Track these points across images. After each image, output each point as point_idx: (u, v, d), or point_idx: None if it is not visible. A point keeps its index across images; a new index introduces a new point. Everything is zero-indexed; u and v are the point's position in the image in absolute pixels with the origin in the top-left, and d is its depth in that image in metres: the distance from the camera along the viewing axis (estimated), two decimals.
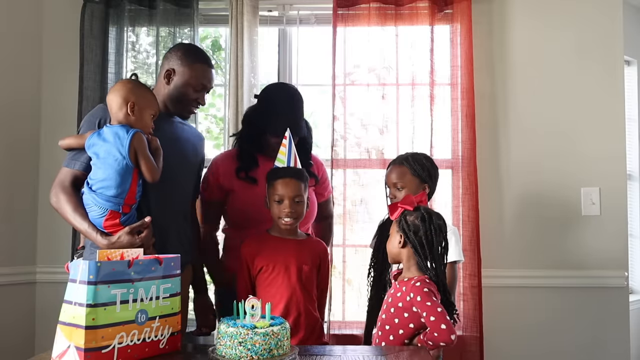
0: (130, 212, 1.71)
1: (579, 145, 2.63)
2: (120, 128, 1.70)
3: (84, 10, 2.60)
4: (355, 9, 2.64)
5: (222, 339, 1.38)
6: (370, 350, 1.56)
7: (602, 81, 2.64)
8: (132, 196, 1.70)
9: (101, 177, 1.68)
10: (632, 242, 2.88)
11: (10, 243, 2.62)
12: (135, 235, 1.67)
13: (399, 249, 1.73)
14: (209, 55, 2.05)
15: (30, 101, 2.71)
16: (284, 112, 2.05)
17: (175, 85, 1.94)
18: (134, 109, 1.73)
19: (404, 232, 1.70)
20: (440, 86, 2.64)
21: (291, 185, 1.83)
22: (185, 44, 2.28)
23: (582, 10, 2.66)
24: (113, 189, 1.67)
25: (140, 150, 1.69)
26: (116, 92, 1.75)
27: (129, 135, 1.68)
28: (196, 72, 1.94)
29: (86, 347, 1.28)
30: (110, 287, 1.34)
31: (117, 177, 1.67)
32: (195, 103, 1.99)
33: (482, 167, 2.58)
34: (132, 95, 1.73)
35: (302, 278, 1.83)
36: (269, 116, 2.06)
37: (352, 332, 2.52)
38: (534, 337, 2.60)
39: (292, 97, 2.11)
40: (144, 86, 1.83)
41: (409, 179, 2.08)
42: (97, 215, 1.69)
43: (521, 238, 2.62)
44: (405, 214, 1.73)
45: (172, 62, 1.95)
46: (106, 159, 1.68)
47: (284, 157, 1.88)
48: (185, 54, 1.96)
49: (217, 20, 2.86)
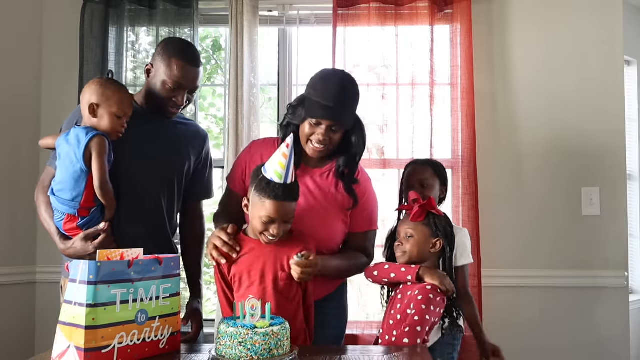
0: (91, 216, 1.65)
1: (579, 145, 2.63)
2: (82, 130, 1.66)
3: (84, 10, 2.60)
4: (355, 9, 2.63)
5: (222, 339, 1.38)
6: (370, 350, 1.55)
7: (602, 81, 2.64)
8: (89, 199, 1.64)
9: (58, 180, 1.66)
10: (632, 242, 2.88)
11: (10, 243, 2.62)
12: (89, 242, 1.62)
13: (432, 254, 1.74)
14: (194, 52, 1.89)
15: (30, 101, 2.71)
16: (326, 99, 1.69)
17: (152, 82, 1.83)
18: (96, 110, 1.67)
19: (445, 240, 1.73)
20: (440, 86, 2.64)
21: (285, 209, 1.58)
22: (170, 39, 2.11)
23: (582, 10, 2.66)
24: (68, 192, 1.63)
25: (95, 154, 1.62)
26: (83, 93, 1.70)
27: (87, 138, 1.62)
28: (171, 69, 1.78)
29: (86, 347, 1.28)
30: (110, 287, 1.33)
31: (71, 180, 1.63)
32: (171, 103, 1.82)
33: (482, 167, 2.57)
34: (94, 96, 1.67)
35: (279, 286, 1.62)
36: (308, 100, 1.74)
37: (352, 332, 2.52)
38: (534, 337, 2.60)
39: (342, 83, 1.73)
40: (113, 86, 1.72)
41: (434, 179, 2.10)
42: (58, 218, 1.67)
43: (521, 238, 2.62)
44: (434, 218, 1.74)
45: (154, 57, 1.85)
46: (64, 162, 1.65)
47: (281, 170, 1.56)
48: (164, 49, 1.83)
49: (217, 20, 2.86)
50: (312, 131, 1.73)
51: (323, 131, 1.72)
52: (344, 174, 1.81)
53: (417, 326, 1.57)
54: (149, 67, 1.85)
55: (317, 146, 1.74)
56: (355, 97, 1.79)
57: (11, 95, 2.63)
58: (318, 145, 1.74)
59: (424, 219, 1.74)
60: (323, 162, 1.84)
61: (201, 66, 1.87)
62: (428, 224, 1.74)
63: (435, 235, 1.74)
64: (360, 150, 1.83)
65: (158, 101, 1.83)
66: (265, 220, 1.59)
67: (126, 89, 1.77)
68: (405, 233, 1.76)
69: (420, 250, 1.74)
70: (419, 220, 1.74)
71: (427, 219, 1.74)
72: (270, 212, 1.57)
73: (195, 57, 1.84)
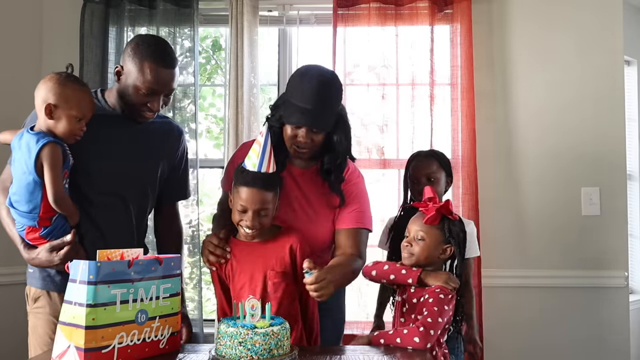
0: (54, 224, 1.53)
1: (579, 145, 2.63)
2: (32, 137, 1.49)
3: (84, 10, 2.60)
4: (355, 9, 2.63)
5: (222, 339, 1.37)
6: (370, 350, 1.55)
7: (602, 81, 2.64)
8: (48, 209, 1.50)
9: (14, 190, 1.53)
10: (632, 242, 2.87)
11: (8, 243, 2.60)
12: (54, 253, 1.52)
13: (441, 259, 1.66)
14: (169, 51, 1.71)
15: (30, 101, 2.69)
16: (303, 101, 1.65)
17: (122, 86, 1.68)
18: (53, 112, 1.50)
19: (457, 246, 1.64)
20: (440, 86, 2.64)
21: (258, 197, 1.57)
22: (141, 37, 1.82)
23: (582, 10, 2.66)
24: (24, 205, 1.51)
25: (47, 165, 1.47)
26: (37, 90, 1.52)
27: (37, 146, 1.46)
28: (144, 73, 1.62)
29: (86, 347, 1.28)
30: (110, 287, 1.33)
31: (25, 192, 1.49)
32: (146, 108, 1.68)
33: (482, 167, 2.57)
34: (51, 96, 1.50)
35: (268, 287, 1.61)
36: (287, 102, 1.71)
37: (352, 332, 2.52)
38: (534, 337, 2.60)
39: (320, 84, 1.67)
40: (73, 83, 1.55)
41: (440, 172, 2.09)
42: (19, 227, 1.57)
43: (521, 238, 2.62)
44: (449, 223, 1.64)
45: (123, 57, 1.68)
46: (17, 170, 1.52)
47: (256, 158, 1.57)
48: (135, 50, 1.65)
49: (217, 20, 2.86)
50: (294, 133, 1.70)
51: (304, 134, 1.68)
52: (329, 172, 1.78)
53: (430, 329, 1.51)
54: (119, 69, 1.69)
55: (300, 149, 1.72)
56: (335, 96, 1.73)
57: (11, 95, 2.63)
58: (300, 148, 1.72)
59: (438, 222, 1.64)
60: (310, 162, 1.81)
61: (177, 66, 1.71)
62: (442, 228, 1.64)
63: (447, 242, 1.64)
64: (343, 148, 1.77)
65: (130, 107, 1.70)
66: (239, 208, 1.58)
67: (87, 88, 1.61)
68: (416, 234, 1.65)
69: (429, 255, 1.64)
70: (433, 224, 1.64)
71: (441, 222, 1.64)
72: (243, 200, 1.57)
73: (169, 58, 1.68)
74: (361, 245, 1.77)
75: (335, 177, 1.77)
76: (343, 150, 1.77)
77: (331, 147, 1.76)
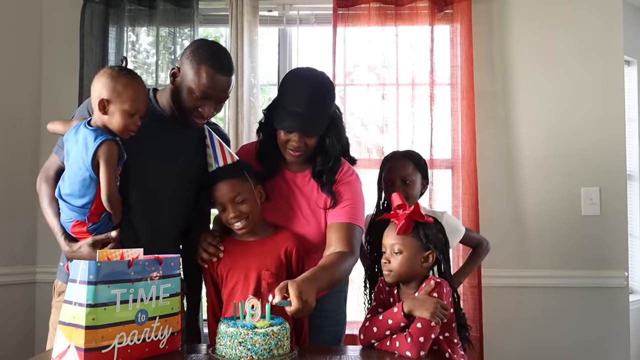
0: (101, 221, 1.55)
1: (579, 145, 2.63)
2: (91, 133, 1.50)
3: (84, 10, 2.60)
4: (355, 9, 2.64)
5: (222, 339, 1.38)
6: (369, 351, 1.55)
7: (602, 81, 2.64)
8: (100, 206, 1.52)
9: (67, 184, 1.54)
10: (632, 242, 2.87)
11: (10, 243, 2.62)
12: (97, 248, 1.52)
13: (424, 268, 1.54)
14: (227, 58, 1.70)
15: (30, 101, 2.71)
16: (295, 105, 1.65)
17: (177, 89, 1.67)
18: (107, 106, 1.51)
19: (439, 251, 1.53)
20: (440, 86, 2.65)
21: (225, 189, 1.62)
22: (202, 41, 1.82)
23: (582, 10, 2.66)
24: (77, 199, 1.52)
25: (103, 163, 1.48)
26: (93, 84, 1.52)
27: (95, 144, 1.48)
28: (200, 76, 1.61)
29: (86, 347, 1.28)
30: (110, 287, 1.33)
31: (80, 187, 1.51)
32: (197, 113, 1.68)
33: (482, 167, 2.57)
34: (104, 91, 1.50)
35: (262, 285, 1.61)
36: (278, 106, 1.71)
37: (352, 332, 2.51)
38: (533, 337, 2.60)
39: (311, 88, 1.67)
40: (126, 78, 1.54)
41: (415, 174, 2.05)
42: (65, 219, 1.57)
43: (521, 238, 2.62)
44: (424, 229, 1.52)
45: (181, 60, 1.68)
46: (72, 165, 1.53)
47: (210, 159, 1.65)
48: (194, 52, 1.65)
49: (217, 20, 2.86)
50: (287, 138, 1.69)
51: (297, 139, 1.67)
52: (321, 174, 1.75)
53: (420, 336, 1.42)
54: (175, 71, 1.68)
55: (293, 153, 1.71)
56: (327, 99, 1.71)
57: (11, 95, 2.63)
58: (294, 152, 1.71)
59: (411, 230, 1.52)
60: (304, 165, 1.80)
61: (233, 74, 1.70)
62: (417, 236, 1.52)
63: (427, 248, 1.52)
64: (335, 151, 1.74)
65: (182, 110, 1.68)
66: (219, 209, 1.68)
67: (140, 81, 1.58)
68: (392, 248, 1.53)
69: (410, 267, 1.52)
70: (407, 233, 1.52)
71: (415, 229, 1.52)
72: (215, 198, 1.65)
73: (227, 65, 1.67)
74: (353, 240, 1.70)
75: (327, 179, 1.75)
76: (335, 153, 1.75)
77: (323, 150, 1.74)
